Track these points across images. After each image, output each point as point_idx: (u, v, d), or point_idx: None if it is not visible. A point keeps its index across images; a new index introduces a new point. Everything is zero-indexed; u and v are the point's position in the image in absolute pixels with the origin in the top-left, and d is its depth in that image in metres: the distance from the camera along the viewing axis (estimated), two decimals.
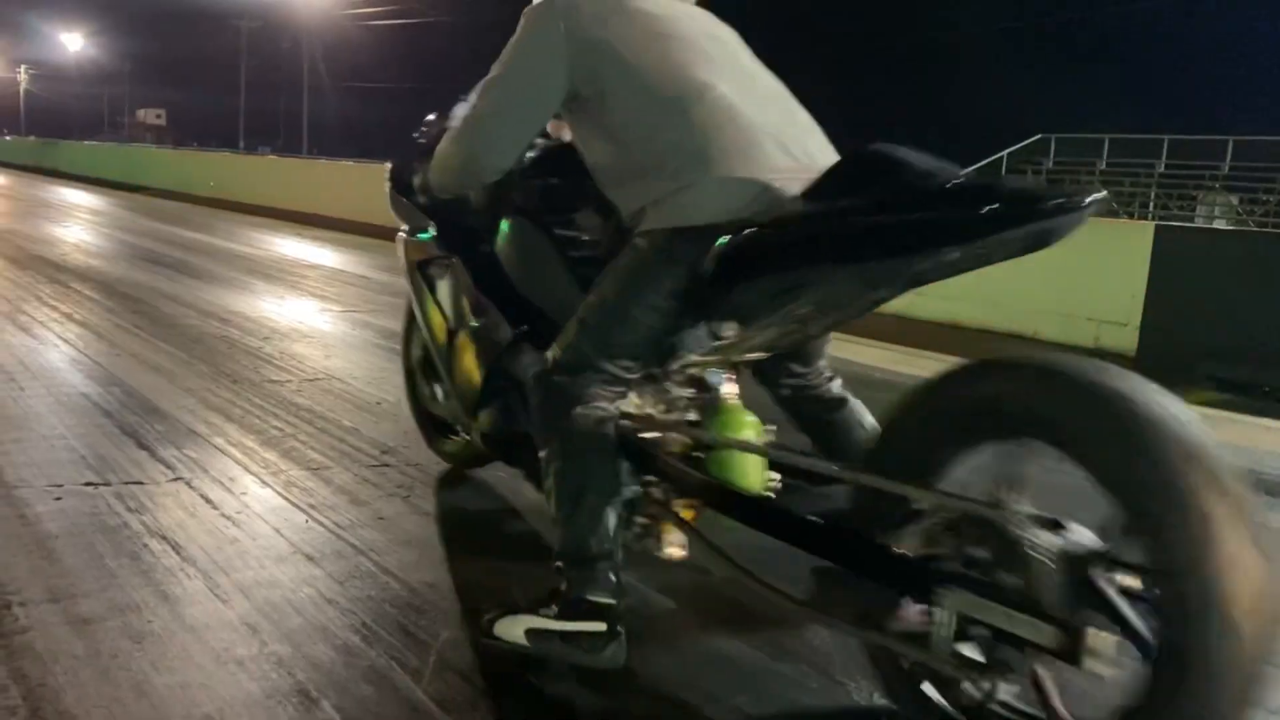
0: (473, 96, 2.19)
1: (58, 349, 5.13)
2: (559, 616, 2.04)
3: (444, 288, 2.82)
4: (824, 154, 2.06)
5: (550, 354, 2.11)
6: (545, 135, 2.47)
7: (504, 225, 2.53)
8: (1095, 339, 7.19)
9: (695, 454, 2.15)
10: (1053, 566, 1.47)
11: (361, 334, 6.17)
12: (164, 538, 2.75)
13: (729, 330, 1.99)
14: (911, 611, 1.63)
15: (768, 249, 1.83)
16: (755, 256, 1.84)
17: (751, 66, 2.20)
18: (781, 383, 2.45)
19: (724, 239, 1.85)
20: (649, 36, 2.03)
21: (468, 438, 2.89)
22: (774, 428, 2.35)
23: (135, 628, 2.23)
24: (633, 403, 2.26)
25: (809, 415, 2.47)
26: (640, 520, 2.21)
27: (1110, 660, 1.40)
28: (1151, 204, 26.37)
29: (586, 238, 2.34)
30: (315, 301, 7.46)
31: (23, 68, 67.34)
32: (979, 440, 1.66)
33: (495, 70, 2.10)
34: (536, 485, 2.36)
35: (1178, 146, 28.43)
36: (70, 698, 1.93)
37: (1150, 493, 1.37)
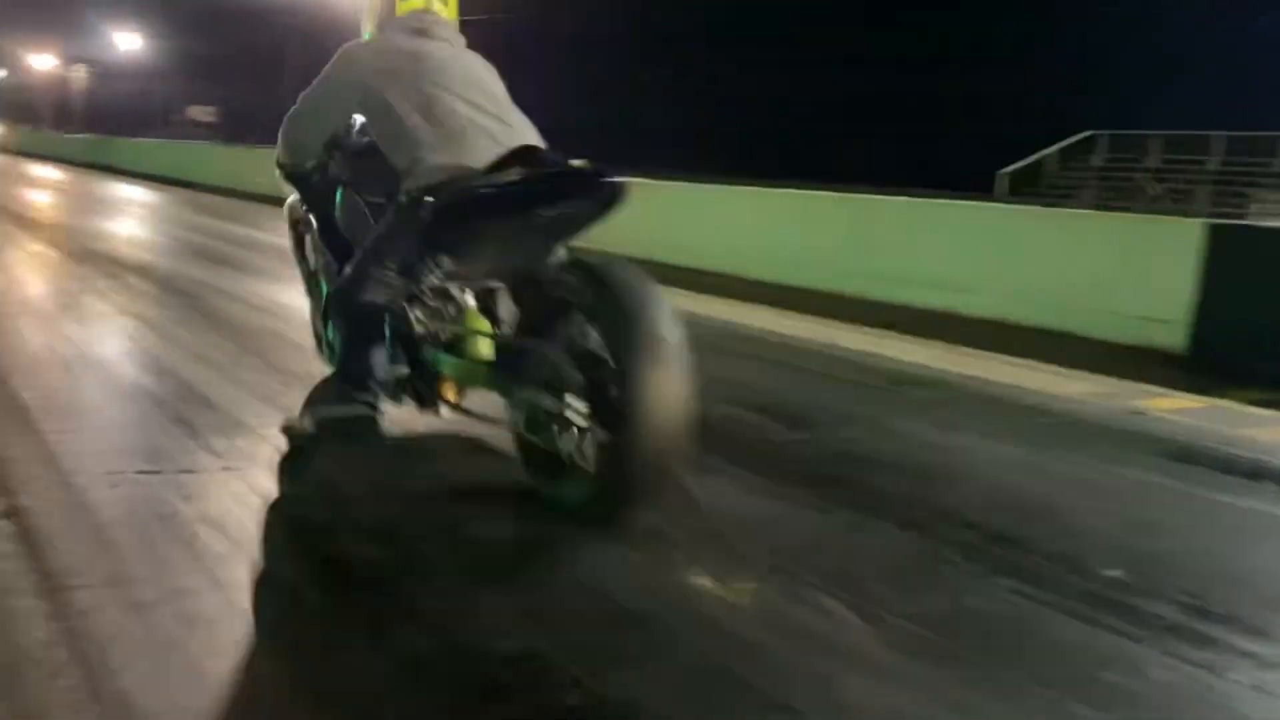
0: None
1: (113, 341, 5.25)
2: (335, 401, 3.03)
3: (307, 240, 3.67)
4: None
5: (345, 270, 3.09)
6: (365, 132, 3.29)
7: (338, 193, 3.40)
8: (1146, 337, 7.08)
9: (447, 341, 3.11)
10: (579, 376, 2.75)
11: None
12: (215, 525, 2.81)
13: (446, 262, 2.94)
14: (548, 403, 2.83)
15: (453, 208, 2.78)
16: (449, 213, 2.78)
17: (487, 84, 3.13)
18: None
19: (430, 199, 2.78)
20: (406, 69, 3.00)
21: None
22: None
23: (188, 612, 2.29)
24: (409, 313, 3.10)
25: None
26: (409, 391, 3.20)
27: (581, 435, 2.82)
28: (1204, 201, 25.85)
29: (382, 200, 3.11)
30: None
31: (81, 66, 68.81)
32: (568, 310, 2.85)
33: (310, 87, 3.17)
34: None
35: (1231, 143, 27.81)
36: (127, 679, 1.99)
37: (626, 340, 2.62)
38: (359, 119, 3.25)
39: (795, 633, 2.41)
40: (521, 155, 2.88)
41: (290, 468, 3.26)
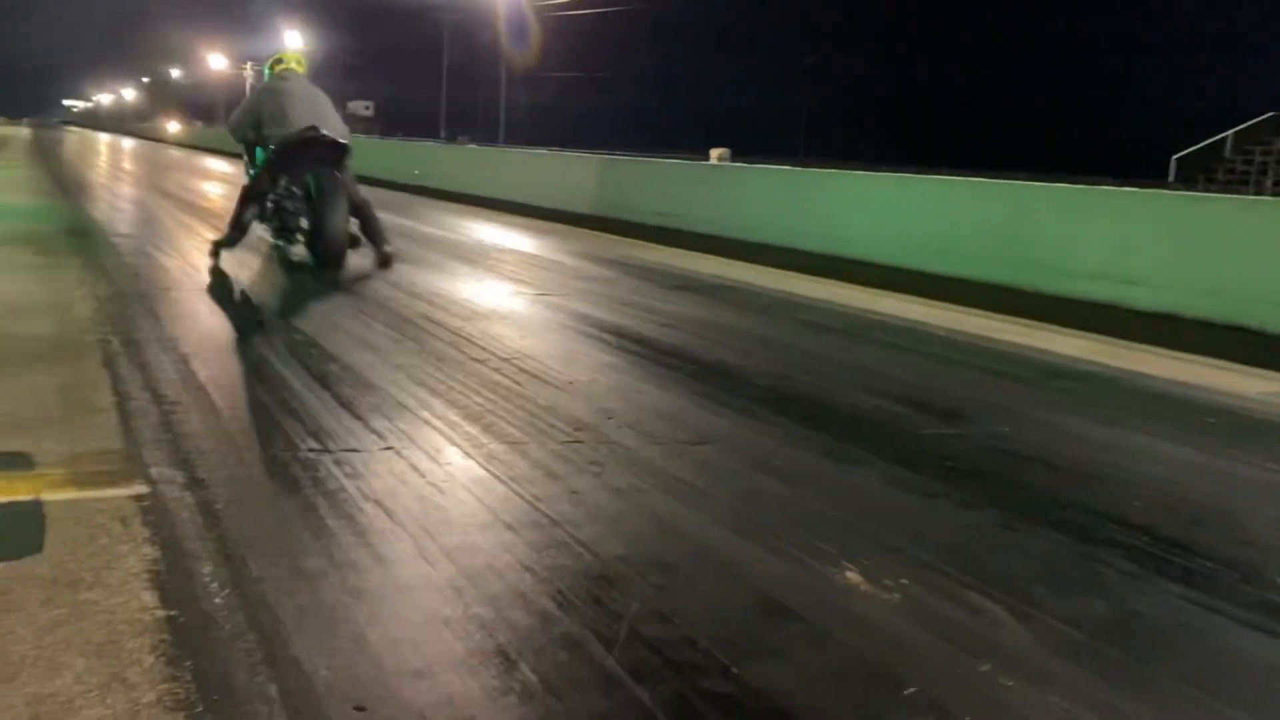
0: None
1: (280, 324, 5.54)
2: (225, 244, 7.37)
3: (251, 181, 7.54)
4: (335, 133, 7.58)
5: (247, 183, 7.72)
6: (259, 123, 7.77)
7: (259, 153, 7.68)
8: None
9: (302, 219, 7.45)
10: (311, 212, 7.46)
11: (554, 316, 6.37)
12: (377, 502, 2.94)
13: (282, 180, 7.31)
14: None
15: (280, 148, 7.29)
16: (280, 150, 7.28)
17: (309, 99, 7.58)
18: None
19: (274, 146, 7.34)
20: (281, 94, 7.57)
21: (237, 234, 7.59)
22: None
23: (353, 584, 2.40)
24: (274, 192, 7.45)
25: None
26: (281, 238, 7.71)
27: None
28: None
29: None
30: (511, 285, 7.75)
31: (248, 64, 72.81)
32: (300, 168, 7.43)
33: (242, 103, 8.30)
34: (271, 231, 7.80)
35: None
36: (298, 646, 2.10)
37: (323, 205, 7.27)
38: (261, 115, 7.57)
39: (947, 631, 2.36)
40: (307, 130, 7.16)
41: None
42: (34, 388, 3.87)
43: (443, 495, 3.04)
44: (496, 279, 8.02)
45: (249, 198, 7.34)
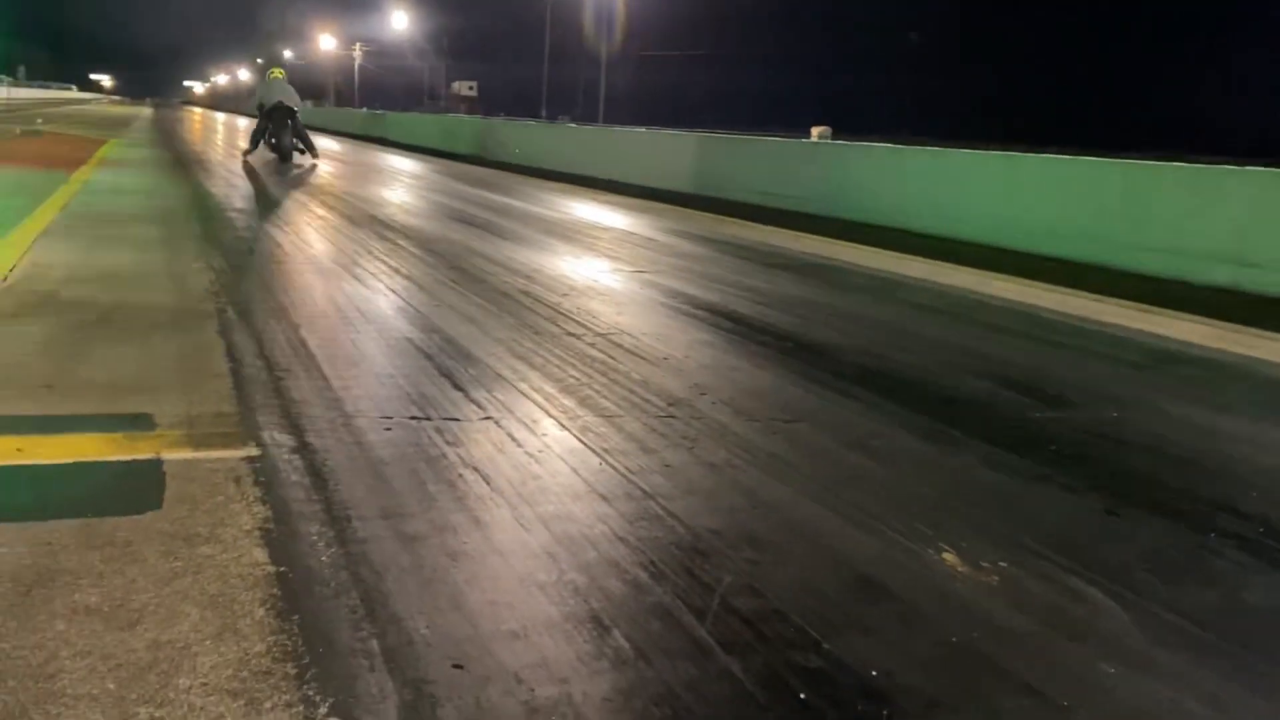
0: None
1: (386, 298, 5.69)
2: (248, 153, 17.33)
3: (257, 124, 17.41)
4: (291, 103, 17.16)
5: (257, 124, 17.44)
6: (262, 101, 17.61)
7: (271, 111, 16.94)
8: None
9: (273, 139, 17.08)
10: (293, 139, 17.01)
11: (649, 293, 6.39)
12: (476, 469, 3.00)
13: (266, 122, 16.95)
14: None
15: (267, 111, 16.85)
16: (267, 113, 16.84)
17: (288, 90, 16.95)
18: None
19: (261, 110, 17.02)
20: (270, 86, 17.32)
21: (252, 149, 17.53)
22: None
23: (452, 547, 2.46)
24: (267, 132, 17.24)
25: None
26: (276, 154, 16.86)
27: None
28: None
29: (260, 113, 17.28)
30: (607, 261, 7.79)
31: (357, 45, 74.50)
32: (274, 118, 16.99)
33: (257, 92, 18.92)
34: (264, 144, 17.38)
35: None
36: (399, 604, 2.17)
37: (278, 124, 16.94)
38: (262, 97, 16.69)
39: (1047, 616, 2.31)
40: (278, 103, 16.56)
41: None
42: (155, 353, 4.06)
43: (539, 464, 3.09)
44: (593, 256, 8.07)
45: (257, 130, 17.28)
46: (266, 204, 10.69)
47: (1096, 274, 8.01)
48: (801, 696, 1.92)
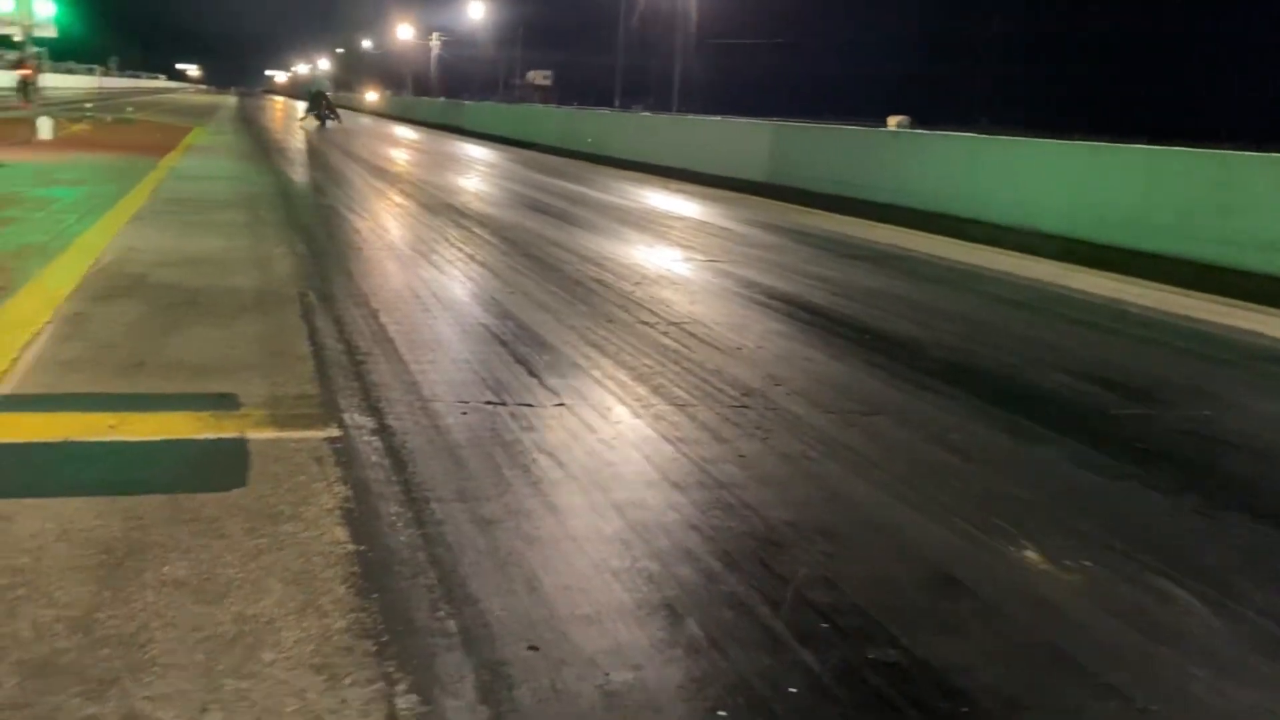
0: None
1: (462, 284, 5.76)
2: (304, 124, 26.81)
3: (309, 102, 27.37)
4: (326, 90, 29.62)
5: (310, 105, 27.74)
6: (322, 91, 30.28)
7: (314, 94, 27.86)
8: None
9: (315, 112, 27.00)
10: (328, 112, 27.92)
11: (722, 283, 6.35)
12: (550, 455, 3.02)
13: (314, 105, 27.29)
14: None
15: (311, 96, 28.18)
16: (311, 96, 27.93)
17: (324, 84, 30.42)
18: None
19: (313, 92, 28.25)
20: (314, 82, 29.63)
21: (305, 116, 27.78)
22: None
23: (527, 531, 2.48)
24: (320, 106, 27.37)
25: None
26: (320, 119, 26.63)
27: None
28: None
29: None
30: (680, 251, 7.77)
31: (435, 35, 75.40)
32: (316, 98, 27.93)
33: (312, 81, 32.62)
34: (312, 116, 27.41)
35: None
36: (474, 585, 2.19)
37: (317, 102, 27.67)
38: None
39: (1133, 618, 2.24)
40: (318, 92, 27.50)
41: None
42: (240, 335, 4.16)
43: (612, 451, 3.10)
44: (666, 245, 8.06)
45: (310, 106, 26.74)
46: (346, 191, 10.88)
47: (1184, 268, 7.75)
48: (879, 692, 1.90)
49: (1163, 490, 3.06)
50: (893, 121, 28.41)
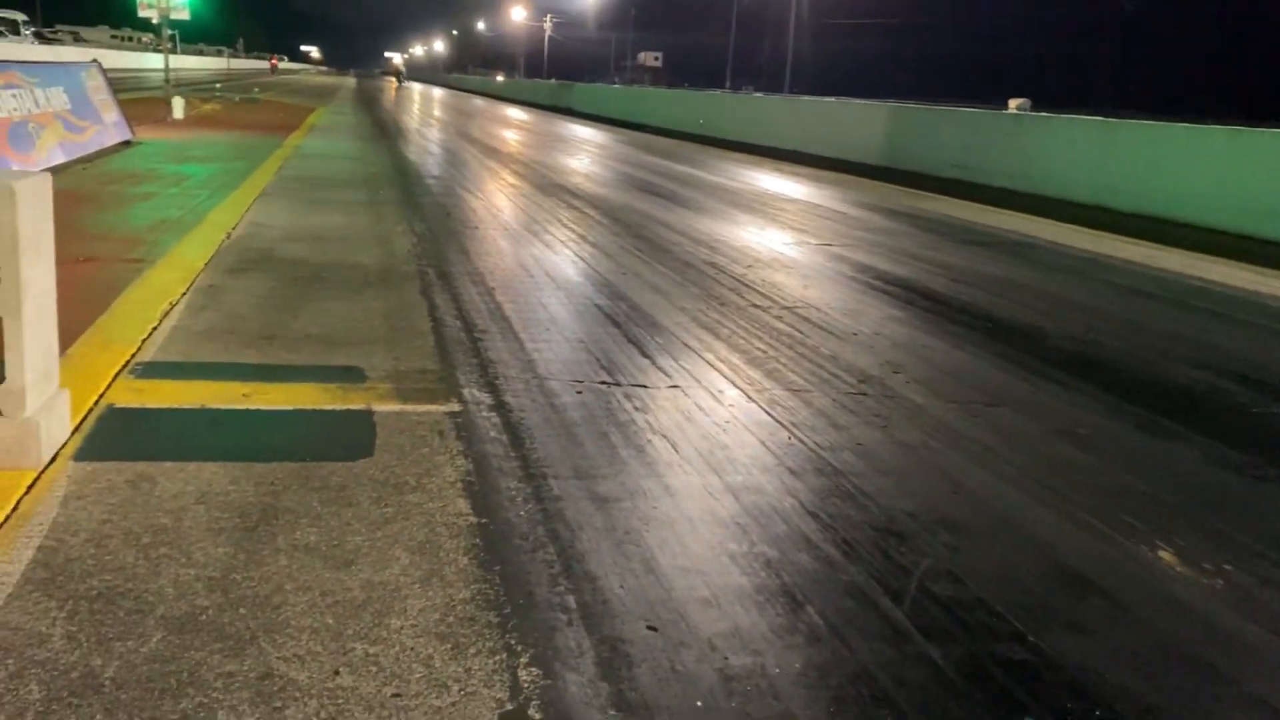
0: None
1: (574, 265, 5.80)
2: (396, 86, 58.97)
3: (396, 76, 65.36)
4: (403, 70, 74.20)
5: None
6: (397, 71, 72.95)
7: (396, 72, 68.55)
8: None
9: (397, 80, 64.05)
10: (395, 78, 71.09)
11: (837, 267, 6.25)
12: (664, 436, 3.02)
13: (394, 75, 74.23)
14: None
15: (395, 73, 69.79)
16: (396, 72, 70.68)
17: (400, 65, 79.08)
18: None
19: (396, 69, 71.03)
20: (389, 66, 74.20)
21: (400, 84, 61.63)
22: None
23: (643, 511, 2.49)
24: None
25: None
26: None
27: None
28: None
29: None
30: (792, 234, 7.68)
31: (548, 17, 76.04)
32: (399, 74, 68.52)
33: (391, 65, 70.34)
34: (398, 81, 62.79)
35: None
36: (592, 562, 2.21)
37: (400, 77, 68.30)
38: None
39: (1277, 625, 2.13)
40: (397, 72, 68.39)
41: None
42: (363, 310, 4.27)
43: (726, 435, 3.08)
44: (778, 228, 7.97)
45: (396, 81, 59.85)
46: (460, 171, 11.07)
47: None
48: (1006, 690, 1.84)
49: None
50: (1014, 104, 27.52)
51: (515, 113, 29.68)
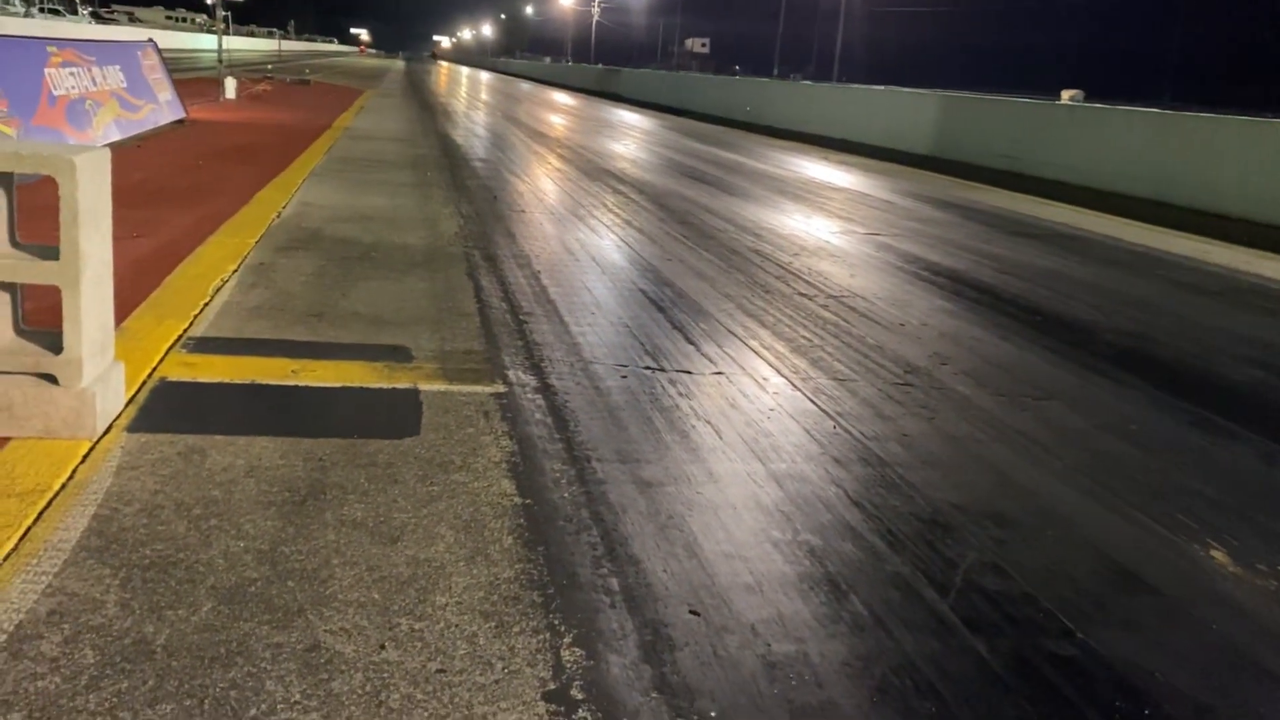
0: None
1: (619, 250, 5.79)
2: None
3: (441, 64, 61.30)
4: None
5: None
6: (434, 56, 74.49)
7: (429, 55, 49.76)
8: None
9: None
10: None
11: (884, 256, 6.19)
12: (708, 422, 3.01)
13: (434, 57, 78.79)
14: None
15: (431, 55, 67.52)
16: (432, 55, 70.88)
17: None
18: None
19: (432, 53, 71.66)
20: (416, 61, 62.93)
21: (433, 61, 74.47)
22: None
23: (687, 496, 2.48)
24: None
25: None
26: None
27: None
28: None
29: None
30: (839, 222, 7.61)
31: (596, 2, 75.91)
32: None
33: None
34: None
35: None
36: (635, 546, 2.21)
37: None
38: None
39: None
40: (433, 53, 61.14)
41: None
42: (410, 291, 4.30)
43: (770, 422, 3.06)
44: (824, 216, 7.91)
45: (430, 57, 70.41)
46: (507, 154, 11.10)
47: None
48: (1054, 686, 1.82)
49: None
50: (1066, 95, 27.03)
51: (562, 97, 29.70)
